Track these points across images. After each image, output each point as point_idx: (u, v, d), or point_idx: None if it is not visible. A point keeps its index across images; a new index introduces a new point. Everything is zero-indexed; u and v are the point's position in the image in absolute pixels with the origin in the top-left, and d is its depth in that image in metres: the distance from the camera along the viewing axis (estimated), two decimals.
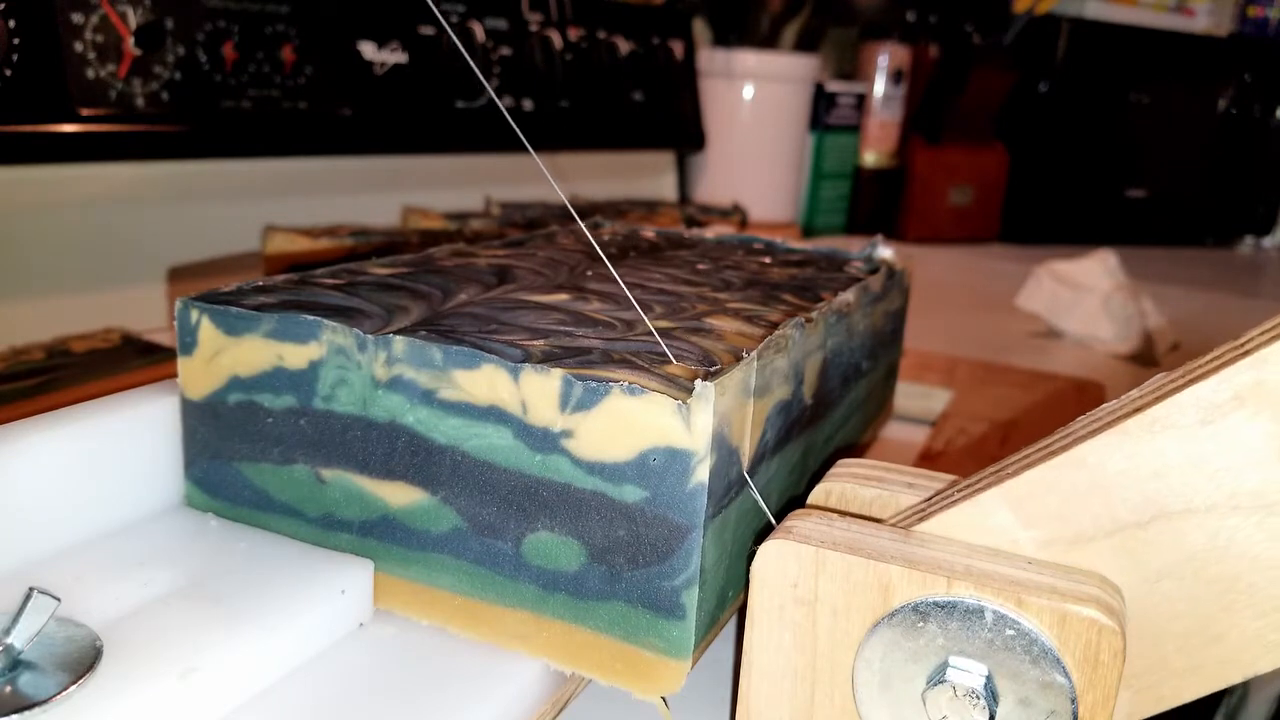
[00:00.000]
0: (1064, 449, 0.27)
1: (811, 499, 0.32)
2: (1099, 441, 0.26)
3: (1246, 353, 0.25)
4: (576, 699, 0.33)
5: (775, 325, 0.35)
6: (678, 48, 1.12)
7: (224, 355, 0.33)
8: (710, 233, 0.58)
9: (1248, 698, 0.44)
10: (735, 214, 1.12)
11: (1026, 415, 0.63)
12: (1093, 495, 0.27)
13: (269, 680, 0.29)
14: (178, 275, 0.76)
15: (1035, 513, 0.27)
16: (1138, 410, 0.26)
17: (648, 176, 1.20)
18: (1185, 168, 1.60)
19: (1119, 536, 0.26)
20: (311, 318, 0.32)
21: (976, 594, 0.26)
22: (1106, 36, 1.47)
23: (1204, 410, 0.25)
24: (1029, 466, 0.27)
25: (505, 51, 0.92)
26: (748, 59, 1.21)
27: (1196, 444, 0.25)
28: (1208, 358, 0.26)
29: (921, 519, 0.29)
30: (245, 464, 0.34)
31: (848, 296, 0.41)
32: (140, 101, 0.67)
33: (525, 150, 1.01)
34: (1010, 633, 0.25)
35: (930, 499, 0.30)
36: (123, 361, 0.58)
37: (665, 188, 1.23)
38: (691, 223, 1.04)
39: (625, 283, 0.41)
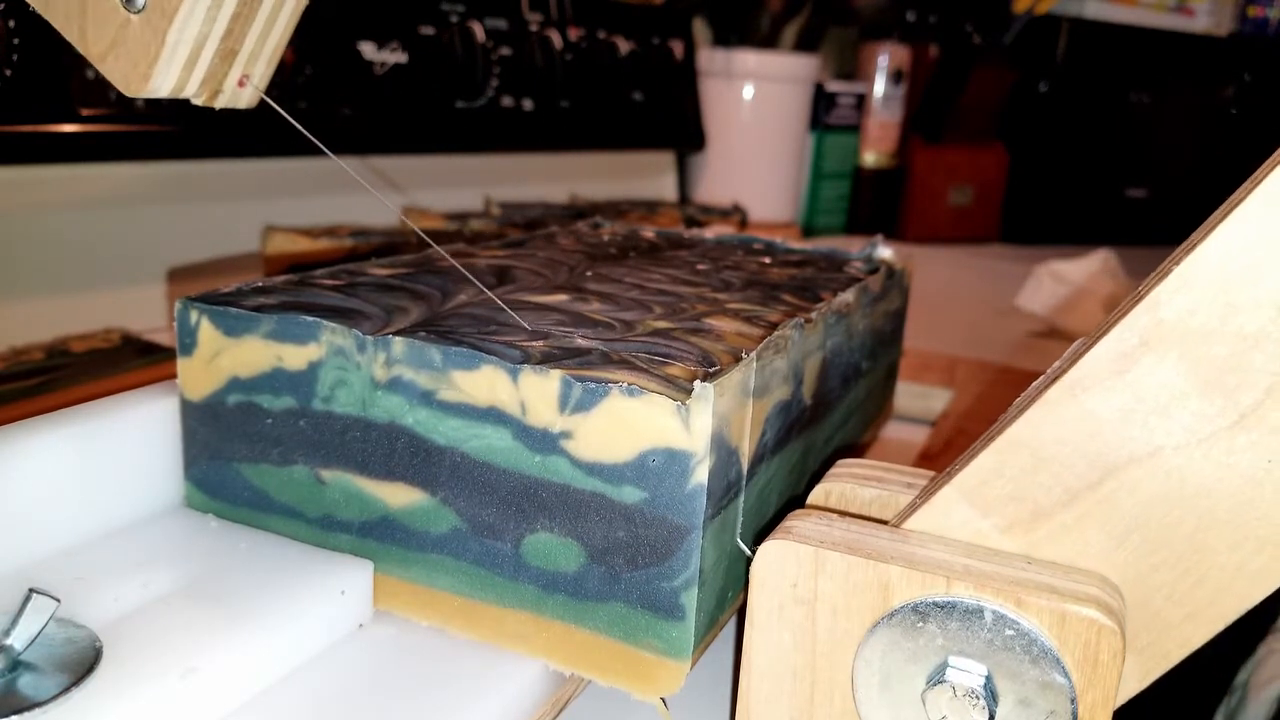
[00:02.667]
0: (1000, 433, 0.27)
1: (811, 499, 0.32)
2: (1028, 418, 0.27)
3: (1142, 298, 0.25)
4: (576, 699, 0.33)
5: (775, 326, 0.35)
6: (678, 48, 1.12)
7: (223, 356, 0.33)
8: (710, 233, 0.58)
9: (1247, 698, 0.44)
10: (735, 214, 1.12)
11: None
12: (1039, 471, 0.27)
13: (269, 681, 0.29)
14: (177, 275, 0.76)
15: (990, 500, 0.27)
16: (1057, 378, 0.26)
17: (648, 176, 1.20)
18: (1185, 168, 1.60)
19: (1076, 504, 0.27)
20: (311, 319, 0.32)
21: (976, 594, 0.26)
22: (1106, 36, 1.46)
23: (1116, 362, 0.26)
24: (974, 457, 0.28)
25: (505, 51, 0.92)
26: (748, 59, 1.21)
27: (1119, 396, 0.26)
28: (1114, 313, 0.26)
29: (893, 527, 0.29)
30: (245, 465, 0.34)
31: (847, 297, 0.41)
32: (140, 101, 0.67)
33: (527, 150, 1.01)
34: (1010, 633, 0.25)
35: (907, 506, 0.30)
36: (123, 361, 0.58)
37: (665, 188, 1.23)
38: (691, 223, 1.04)
39: (626, 282, 0.41)
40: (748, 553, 0.32)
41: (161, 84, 0.31)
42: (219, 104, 0.34)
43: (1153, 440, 0.26)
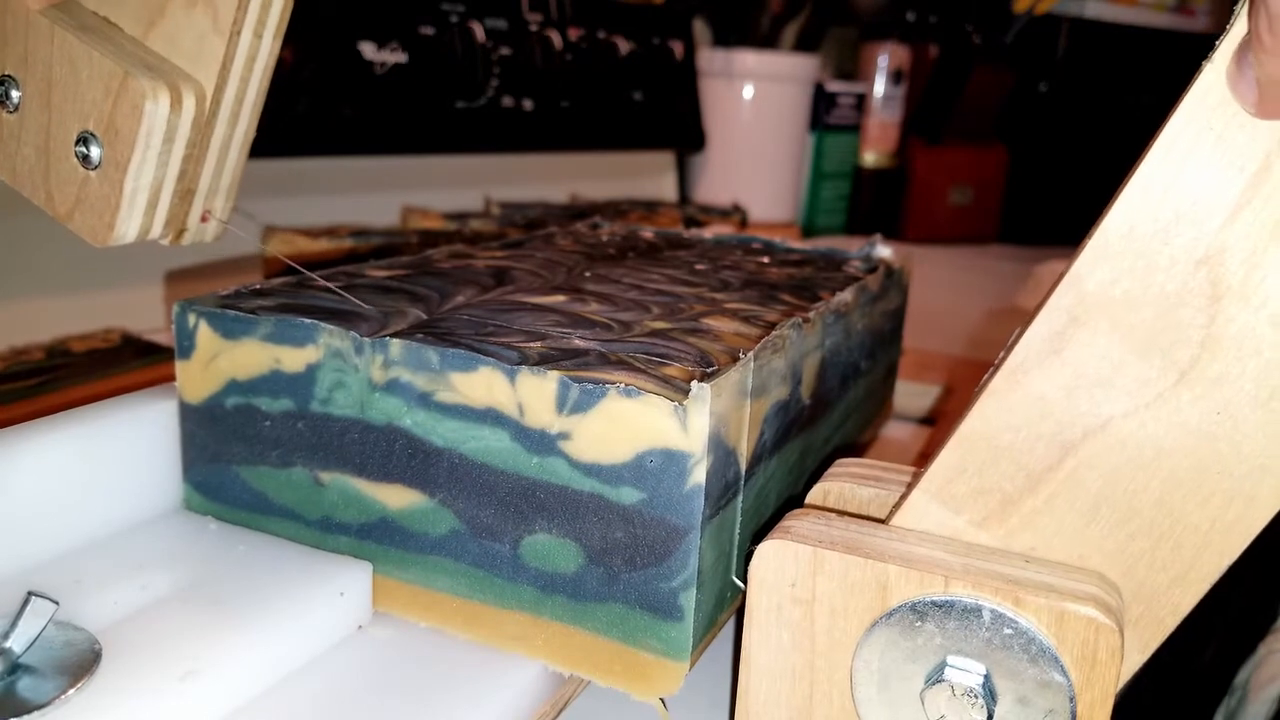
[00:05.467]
0: (954, 430, 0.28)
1: (809, 499, 0.32)
2: (979, 410, 0.27)
3: (1065, 277, 0.26)
4: (576, 700, 0.33)
5: (773, 326, 0.35)
6: (678, 48, 1.12)
7: (221, 359, 0.33)
8: (709, 233, 0.58)
9: (1247, 698, 0.44)
10: (735, 214, 1.12)
11: None
12: (999, 460, 0.27)
13: (268, 683, 0.29)
14: (177, 277, 0.76)
15: (958, 497, 0.28)
16: (1000, 368, 0.27)
17: (648, 176, 1.20)
18: None
19: (1042, 487, 0.27)
20: (308, 321, 0.32)
21: (974, 593, 0.26)
22: (1106, 36, 1.46)
23: (1050, 341, 0.26)
24: (935, 457, 0.28)
25: (505, 51, 0.92)
26: (748, 59, 1.21)
27: (1061, 374, 0.26)
28: (1044, 295, 0.27)
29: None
30: (244, 467, 0.34)
31: (845, 296, 0.41)
32: None
33: (527, 150, 1.01)
34: (1008, 631, 0.25)
35: (889, 513, 0.30)
36: (123, 361, 0.58)
37: (665, 188, 1.23)
38: (691, 223, 1.04)
39: (624, 282, 0.41)
40: (741, 586, 0.32)
41: (126, 231, 0.33)
42: (185, 241, 0.35)
43: (1101, 412, 0.26)
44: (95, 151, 0.32)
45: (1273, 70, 0.22)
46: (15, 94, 0.33)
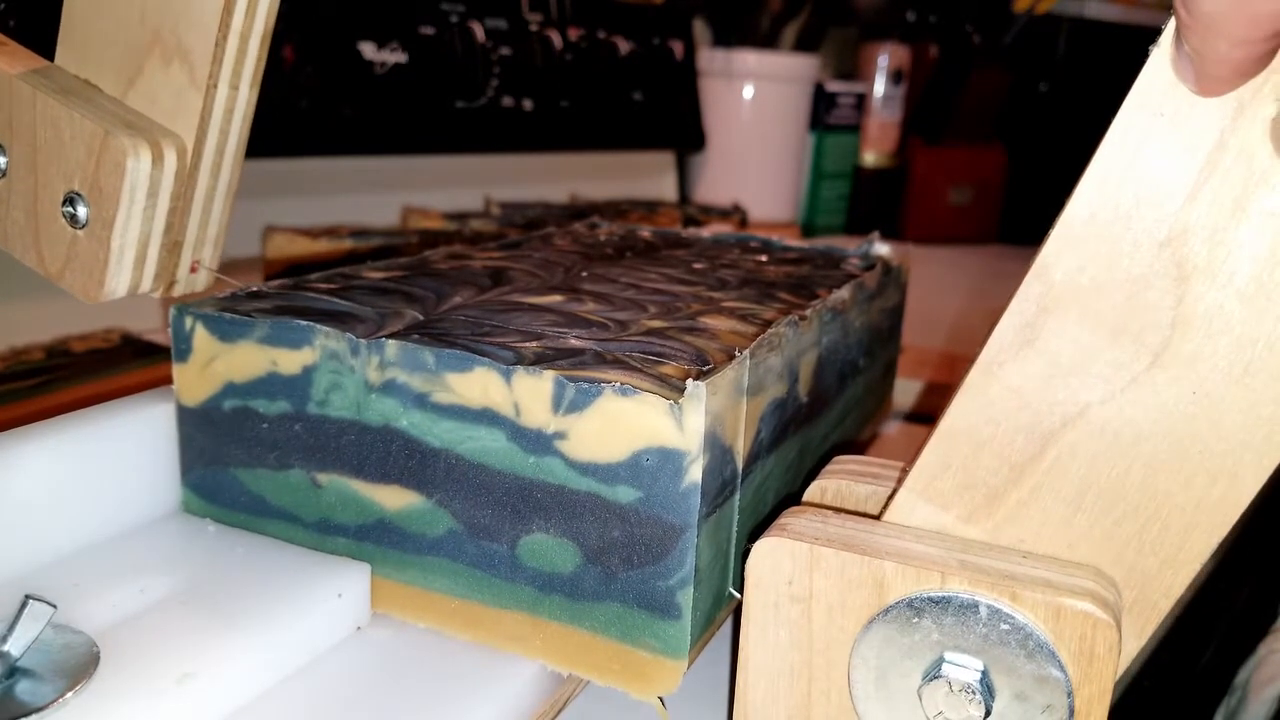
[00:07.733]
0: (936, 427, 0.28)
1: (806, 496, 0.32)
2: (957, 406, 0.27)
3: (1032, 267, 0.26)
4: (575, 699, 0.33)
5: (770, 324, 0.35)
6: (678, 48, 1.12)
7: (219, 361, 0.33)
8: (707, 232, 0.58)
9: (1248, 698, 0.44)
10: (735, 214, 1.12)
11: None
12: (981, 454, 0.27)
13: (266, 685, 0.29)
14: None
15: (944, 493, 0.28)
16: (973, 362, 0.27)
17: (648, 176, 1.20)
18: None
19: (1025, 479, 0.27)
20: (304, 323, 0.32)
21: (971, 589, 0.26)
22: (1106, 36, 1.46)
23: (1022, 333, 0.26)
24: (919, 456, 0.28)
25: (505, 51, 0.92)
26: (748, 59, 1.21)
27: (1035, 364, 0.26)
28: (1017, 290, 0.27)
29: None
30: (241, 469, 0.34)
31: (843, 294, 0.41)
32: None
33: (527, 150, 1.01)
34: (1005, 627, 0.25)
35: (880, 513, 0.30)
36: (122, 361, 0.58)
37: (665, 188, 1.23)
38: (691, 223, 1.04)
39: (621, 282, 0.41)
40: (737, 596, 0.32)
41: (116, 287, 0.34)
42: (176, 293, 0.36)
43: (1078, 399, 0.26)
44: (82, 211, 0.33)
45: (1196, 45, 0.22)
46: (2, 159, 0.34)
